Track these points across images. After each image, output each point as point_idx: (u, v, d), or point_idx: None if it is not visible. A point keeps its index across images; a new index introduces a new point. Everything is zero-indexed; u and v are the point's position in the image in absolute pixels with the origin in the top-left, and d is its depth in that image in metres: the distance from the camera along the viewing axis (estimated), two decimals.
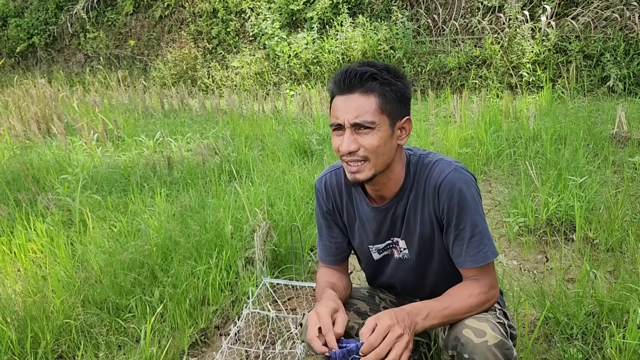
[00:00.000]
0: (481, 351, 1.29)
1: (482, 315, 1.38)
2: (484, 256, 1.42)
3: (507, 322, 1.46)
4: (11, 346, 2.15)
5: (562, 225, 3.07)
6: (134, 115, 7.24)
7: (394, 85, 1.37)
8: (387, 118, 1.37)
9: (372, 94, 1.35)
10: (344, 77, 1.36)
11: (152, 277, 2.64)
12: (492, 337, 1.30)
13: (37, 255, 2.91)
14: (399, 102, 1.38)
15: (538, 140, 4.53)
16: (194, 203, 3.45)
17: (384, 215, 1.54)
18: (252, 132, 5.76)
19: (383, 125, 1.36)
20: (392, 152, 1.42)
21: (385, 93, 1.35)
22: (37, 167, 4.45)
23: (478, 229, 1.42)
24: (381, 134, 1.36)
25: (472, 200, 1.41)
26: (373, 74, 1.35)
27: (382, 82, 1.35)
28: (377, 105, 1.35)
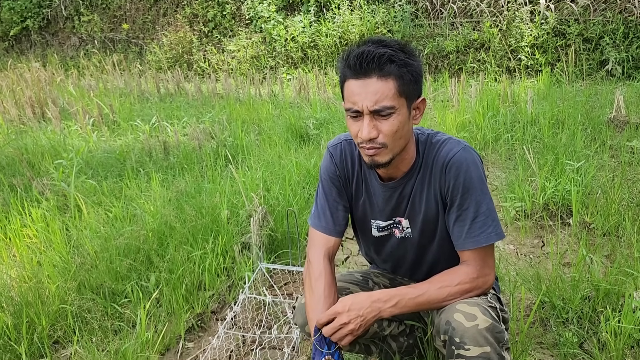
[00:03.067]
0: (472, 335, 1.29)
1: (473, 300, 1.37)
2: (486, 237, 1.39)
3: (499, 305, 1.46)
4: (7, 331, 2.14)
5: (558, 209, 3.07)
6: (130, 100, 7.18)
7: (410, 66, 1.32)
8: (405, 100, 1.34)
9: (390, 77, 1.30)
10: (360, 60, 1.29)
11: (148, 262, 2.63)
12: (482, 320, 1.30)
13: (33, 240, 2.89)
14: (414, 83, 1.34)
15: (536, 125, 4.51)
16: (190, 188, 3.43)
17: (391, 193, 1.52)
18: (249, 116, 5.73)
19: (401, 109, 1.33)
20: (409, 134, 1.41)
21: (403, 75, 1.31)
22: (31, 151, 4.42)
23: (482, 209, 1.39)
24: (400, 118, 1.33)
25: (478, 180, 1.40)
26: (390, 56, 1.29)
27: (399, 64, 1.30)
28: (396, 88, 1.30)
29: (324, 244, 1.58)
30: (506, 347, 1.36)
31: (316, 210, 1.63)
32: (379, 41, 1.33)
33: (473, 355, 1.30)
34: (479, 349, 1.29)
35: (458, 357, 1.32)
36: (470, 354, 1.30)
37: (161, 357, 2.16)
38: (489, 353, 1.29)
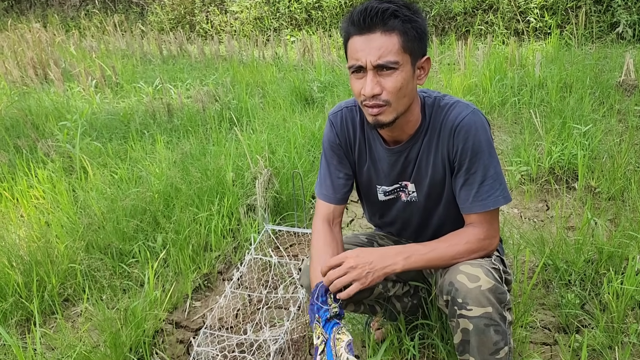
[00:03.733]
0: (474, 296, 1.31)
1: (477, 262, 1.38)
2: (493, 201, 1.39)
3: (502, 267, 1.47)
4: (18, 289, 2.18)
5: (564, 173, 3.06)
6: (132, 61, 7.11)
7: (415, 22, 1.30)
8: (409, 57, 1.31)
9: (394, 32, 1.28)
10: (363, 15, 1.28)
11: (154, 224, 2.66)
12: (485, 282, 1.31)
13: (40, 201, 2.92)
14: (419, 40, 1.32)
15: (543, 88, 4.46)
16: (195, 150, 3.43)
17: (396, 158, 1.51)
18: (253, 79, 5.67)
19: (406, 65, 1.31)
20: (413, 94, 1.38)
21: (407, 31, 1.29)
22: (35, 113, 4.41)
23: (490, 172, 1.39)
24: (404, 75, 1.31)
25: (486, 144, 1.39)
26: (394, 11, 1.27)
27: (403, 20, 1.28)
28: (400, 44, 1.28)
29: (325, 212, 1.60)
30: (508, 307, 1.37)
31: (319, 178, 1.65)
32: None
33: (475, 315, 1.32)
34: (481, 309, 1.31)
35: (460, 317, 1.34)
36: (472, 314, 1.32)
37: (169, 315, 2.20)
38: (490, 313, 1.31)
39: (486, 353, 1.37)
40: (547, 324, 1.99)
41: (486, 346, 1.35)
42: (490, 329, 1.33)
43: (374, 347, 1.81)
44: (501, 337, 1.35)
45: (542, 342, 1.91)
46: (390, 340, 1.78)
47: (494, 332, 1.34)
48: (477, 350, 1.37)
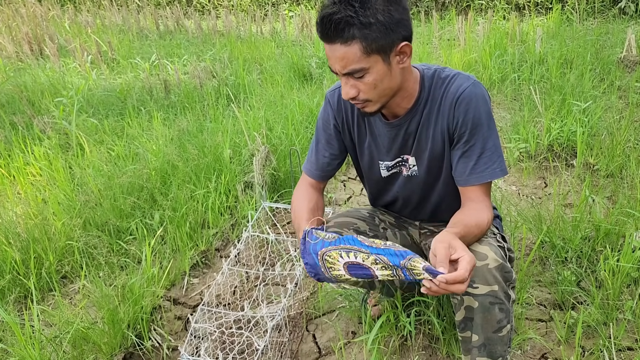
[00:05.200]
0: (482, 274, 1.31)
1: (484, 239, 1.38)
2: (490, 173, 1.38)
3: (507, 245, 1.47)
4: (15, 266, 2.19)
5: (563, 151, 3.05)
6: (129, 37, 7.02)
7: (375, 24, 1.23)
8: (378, 55, 1.27)
9: (353, 40, 1.24)
10: (321, 27, 1.25)
11: (151, 201, 2.65)
12: (492, 260, 1.31)
13: (36, 178, 2.90)
14: (385, 35, 1.25)
15: (544, 64, 4.41)
16: (192, 127, 3.41)
17: (396, 132, 1.50)
18: (250, 54, 5.61)
19: (375, 65, 1.28)
20: (397, 79, 1.35)
21: (367, 35, 1.23)
22: (31, 89, 4.36)
23: (489, 145, 1.38)
24: (376, 74, 1.30)
25: (487, 117, 1.37)
26: (348, 20, 1.21)
27: (359, 27, 1.22)
28: (361, 51, 1.25)
29: (306, 182, 1.66)
30: (512, 285, 1.38)
31: (308, 153, 1.68)
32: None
33: (481, 293, 1.32)
34: (487, 287, 1.31)
35: (466, 294, 1.34)
36: (478, 292, 1.32)
37: (167, 292, 2.21)
38: (496, 292, 1.32)
39: (490, 331, 1.38)
40: (543, 301, 2.00)
41: (490, 324, 1.36)
42: (495, 307, 1.34)
43: (370, 323, 1.83)
44: (504, 315, 1.36)
45: (538, 319, 1.92)
46: (386, 317, 1.80)
47: (499, 310, 1.34)
48: (480, 328, 1.38)
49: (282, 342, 1.85)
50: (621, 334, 1.76)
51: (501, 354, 1.42)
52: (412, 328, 1.78)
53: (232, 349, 1.86)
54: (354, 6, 1.22)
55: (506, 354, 1.44)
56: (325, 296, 2.12)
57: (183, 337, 1.98)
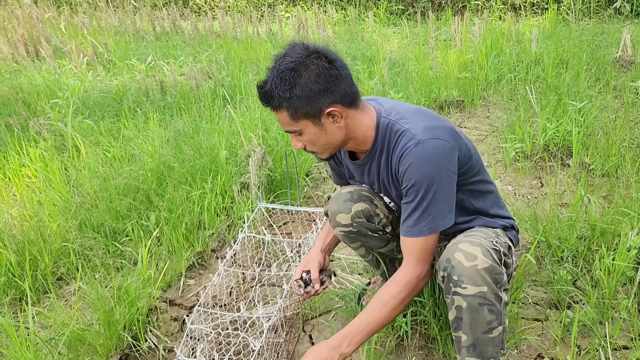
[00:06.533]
0: (470, 274, 1.33)
1: (477, 240, 1.39)
2: (418, 230, 1.42)
3: (504, 250, 1.46)
4: (11, 268, 2.18)
5: (559, 150, 3.06)
6: (125, 38, 7.01)
7: (293, 97, 1.35)
8: (306, 120, 1.39)
9: (281, 108, 1.38)
10: (258, 95, 1.41)
11: (147, 202, 2.65)
12: (482, 261, 1.33)
13: (32, 180, 2.90)
14: (308, 105, 1.36)
15: (539, 65, 4.43)
16: (188, 128, 3.40)
17: (362, 170, 1.60)
18: (247, 55, 5.61)
19: (307, 127, 1.40)
20: (336, 135, 1.44)
21: (290, 106, 1.36)
22: (26, 91, 4.35)
23: (422, 205, 1.40)
24: (310, 135, 1.42)
25: (426, 177, 1.38)
26: (269, 93, 1.36)
27: (280, 100, 1.36)
28: (289, 117, 1.39)
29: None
30: (504, 288, 1.39)
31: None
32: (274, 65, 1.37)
33: (469, 293, 1.34)
34: (475, 288, 1.33)
35: (455, 294, 1.36)
36: (466, 292, 1.34)
37: (163, 293, 2.21)
38: (485, 293, 1.33)
39: (479, 331, 1.39)
40: (539, 300, 2.00)
41: (479, 324, 1.38)
42: (484, 308, 1.35)
43: None
44: (495, 317, 1.37)
45: (534, 318, 1.92)
46: None
47: (488, 311, 1.36)
48: (469, 328, 1.39)
49: (279, 343, 1.84)
50: (617, 332, 1.76)
51: (492, 356, 1.43)
52: (408, 328, 1.78)
53: (228, 350, 1.85)
54: (276, 80, 1.36)
55: (498, 356, 1.45)
56: (322, 297, 2.12)
57: (179, 338, 1.98)
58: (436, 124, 1.43)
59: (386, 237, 1.77)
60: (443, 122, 1.47)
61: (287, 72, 1.34)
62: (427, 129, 1.40)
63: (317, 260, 1.78)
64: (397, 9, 7.91)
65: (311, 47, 1.39)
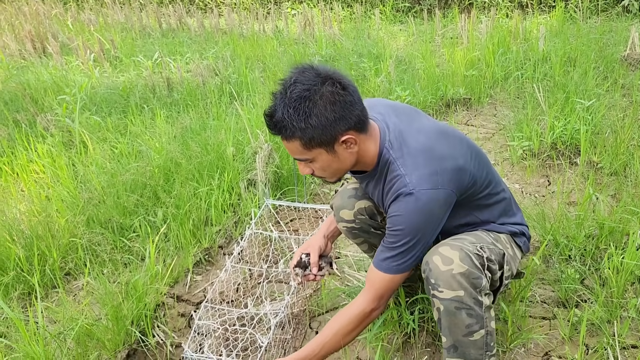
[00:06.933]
0: (445, 278, 1.34)
1: (457, 243, 1.39)
2: (386, 266, 1.42)
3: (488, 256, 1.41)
4: (19, 263, 2.19)
5: (566, 149, 3.04)
6: (131, 35, 7.02)
7: (308, 127, 1.30)
8: (320, 148, 1.35)
9: (293, 138, 1.33)
10: (265, 123, 1.36)
11: (154, 198, 2.65)
12: (457, 266, 1.33)
13: (40, 175, 2.91)
14: (323, 134, 1.31)
15: (547, 63, 4.40)
16: (195, 125, 3.41)
17: (361, 181, 1.61)
18: (253, 52, 5.61)
19: (319, 155, 1.37)
20: (347, 161, 1.41)
21: (304, 135, 1.31)
22: (34, 87, 4.37)
23: (402, 248, 1.39)
24: (321, 162, 1.39)
25: (412, 229, 1.37)
26: (281, 123, 1.30)
27: (293, 130, 1.30)
28: (302, 146, 1.34)
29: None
30: (485, 292, 1.38)
31: None
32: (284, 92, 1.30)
33: (446, 297, 1.35)
34: (451, 292, 1.34)
35: (433, 296, 1.38)
36: (443, 296, 1.35)
37: (170, 289, 2.22)
38: (462, 297, 1.34)
39: (458, 334, 1.40)
40: (546, 299, 2.00)
41: (458, 327, 1.39)
42: (462, 312, 1.36)
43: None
44: (475, 321, 1.38)
45: (542, 317, 1.92)
46: (389, 314, 1.80)
47: (467, 315, 1.36)
48: (448, 331, 1.41)
49: (285, 340, 1.85)
50: (625, 332, 1.76)
51: (476, 358, 1.44)
52: (415, 325, 1.77)
53: (236, 346, 1.86)
54: (288, 110, 1.29)
55: (484, 358, 1.45)
56: (329, 294, 2.12)
57: (186, 334, 1.99)
58: (439, 167, 1.36)
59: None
60: (449, 162, 1.38)
61: (300, 100, 1.28)
62: (426, 177, 1.35)
63: (318, 245, 1.77)
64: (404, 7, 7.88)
65: (322, 72, 1.32)
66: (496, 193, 1.56)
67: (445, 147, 1.41)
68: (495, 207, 1.57)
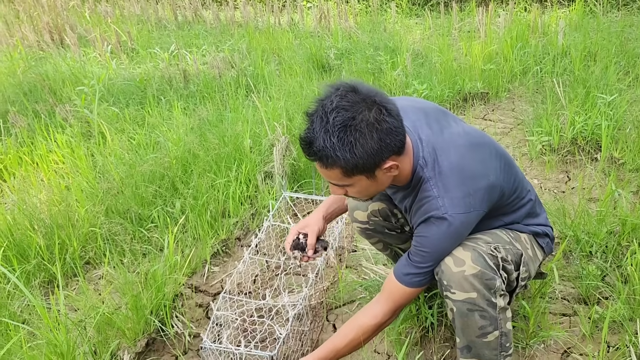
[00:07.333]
0: (457, 280, 1.32)
1: (471, 244, 1.37)
2: (409, 280, 1.41)
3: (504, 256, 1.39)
4: (40, 251, 2.21)
5: (587, 144, 3.00)
6: (147, 27, 7.04)
7: (352, 157, 1.22)
8: (360, 175, 1.29)
9: (334, 167, 1.26)
10: (301, 147, 1.29)
11: (172, 189, 2.66)
12: (470, 267, 1.32)
13: (59, 165, 2.93)
14: (366, 162, 1.25)
15: (567, 57, 4.34)
16: (212, 117, 3.41)
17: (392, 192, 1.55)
18: (269, 45, 5.60)
19: (359, 181, 1.31)
20: (387, 183, 1.37)
21: (347, 165, 1.24)
22: (52, 78, 4.40)
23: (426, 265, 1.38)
24: (359, 187, 1.34)
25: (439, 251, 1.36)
26: (322, 154, 1.23)
27: (338, 158, 1.23)
28: (341, 174, 1.28)
29: None
30: (500, 294, 1.36)
31: None
32: (324, 117, 1.21)
33: (458, 299, 1.34)
34: (464, 294, 1.33)
35: (446, 297, 1.37)
36: (455, 297, 1.34)
37: (188, 280, 2.23)
38: (474, 299, 1.32)
39: (472, 335, 1.39)
40: (567, 295, 1.98)
41: (471, 329, 1.38)
42: (475, 313, 1.34)
43: None
44: (489, 323, 1.36)
45: (562, 313, 1.90)
46: (408, 308, 1.79)
47: (480, 317, 1.35)
48: (461, 332, 1.41)
49: (303, 332, 1.85)
50: None
51: (491, 358, 1.44)
52: (434, 320, 1.77)
53: (254, 337, 1.86)
54: (331, 138, 1.21)
55: (499, 358, 1.44)
56: (346, 287, 2.12)
57: (204, 325, 2.00)
58: (471, 188, 1.33)
59: (404, 236, 1.75)
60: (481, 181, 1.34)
61: (344, 129, 1.20)
62: (459, 200, 1.32)
63: (317, 226, 1.70)
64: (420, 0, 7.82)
65: (366, 96, 1.23)
66: (522, 197, 1.53)
67: (477, 164, 1.37)
68: (520, 210, 1.54)
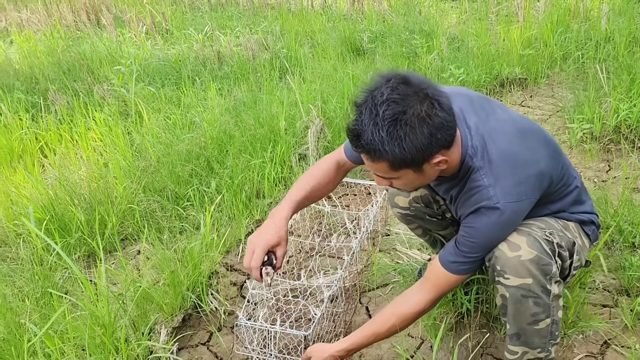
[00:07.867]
0: (513, 265, 1.28)
1: (525, 229, 1.33)
2: (456, 268, 1.37)
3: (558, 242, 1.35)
4: (81, 227, 2.27)
5: (631, 132, 2.91)
6: (181, 8, 7.08)
7: (401, 152, 1.18)
8: (408, 169, 1.24)
9: (380, 160, 1.22)
10: (349, 138, 1.25)
11: (208, 169, 2.69)
12: (526, 252, 1.27)
13: (97, 143, 2.99)
14: (414, 157, 1.20)
15: (610, 43, 4.20)
16: (247, 98, 3.42)
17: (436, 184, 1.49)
18: (302, 28, 5.57)
19: (406, 175, 1.27)
20: (432, 177, 1.33)
21: (395, 159, 1.20)
22: (90, 57, 4.47)
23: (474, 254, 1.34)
24: (406, 180, 1.30)
25: (489, 240, 1.33)
26: (370, 147, 1.19)
27: (387, 152, 1.18)
28: (388, 168, 1.24)
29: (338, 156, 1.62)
30: (555, 280, 1.32)
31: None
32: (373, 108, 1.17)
33: (512, 285, 1.30)
34: (519, 279, 1.29)
35: (498, 283, 1.33)
36: (509, 283, 1.30)
37: (222, 258, 2.25)
38: (529, 285, 1.28)
39: (523, 322, 1.36)
40: (608, 286, 1.93)
41: (523, 315, 1.34)
42: (529, 300, 1.31)
43: None
44: (542, 310, 1.33)
45: (602, 304, 1.86)
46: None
47: (533, 303, 1.31)
48: (512, 318, 1.37)
49: (337, 313, 1.85)
50: None
51: (539, 346, 1.41)
52: (470, 306, 1.75)
53: (289, 316, 1.88)
54: (380, 132, 1.17)
55: (547, 346, 1.42)
56: (379, 270, 2.12)
57: (238, 303, 2.02)
58: (522, 176, 1.29)
59: (445, 222, 1.72)
60: (532, 168, 1.30)
61: (394, 123, 1.16)
62: (510, 188, 1.28)
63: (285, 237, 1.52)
64: None
65: (418, 88, 1.18)
66: (569, 184, 1.48)
67: (527, 151, 1.32)
68: (567, 197, 1.48)
